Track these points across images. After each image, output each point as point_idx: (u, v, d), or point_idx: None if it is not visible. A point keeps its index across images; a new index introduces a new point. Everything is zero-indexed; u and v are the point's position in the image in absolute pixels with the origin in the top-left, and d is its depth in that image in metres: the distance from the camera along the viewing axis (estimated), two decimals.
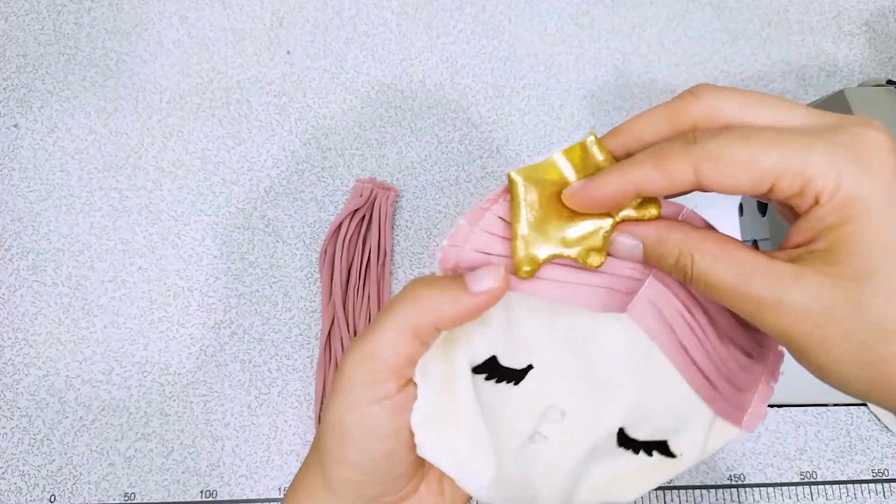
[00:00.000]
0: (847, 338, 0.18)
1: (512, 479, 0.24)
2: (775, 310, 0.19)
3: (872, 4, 0.59)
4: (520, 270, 0.21)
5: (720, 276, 0.20)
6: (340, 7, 0.58)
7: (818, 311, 0.18)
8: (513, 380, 0.23)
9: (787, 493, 0.48)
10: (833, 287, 0.18)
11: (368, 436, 0.21)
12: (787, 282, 0.19)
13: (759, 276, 0.19)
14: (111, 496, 0.48)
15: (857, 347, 0.18)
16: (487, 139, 0.55)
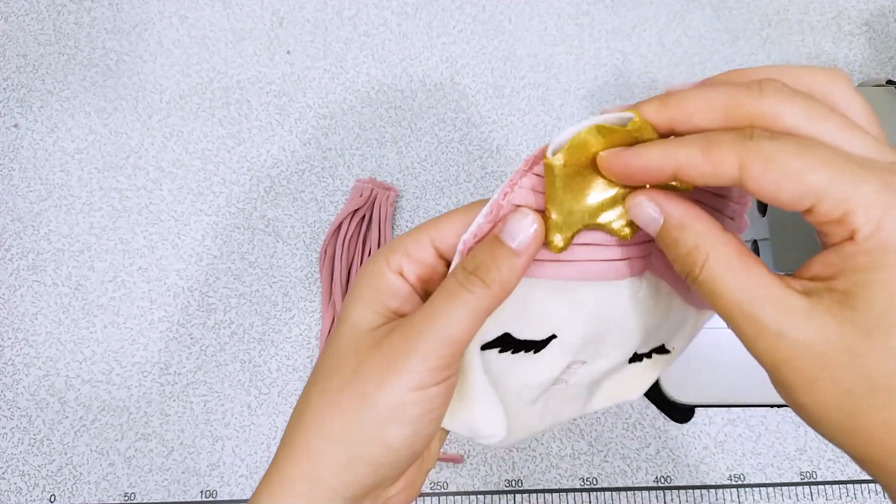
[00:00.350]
0: (835, 382, 0.18)
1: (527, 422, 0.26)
2: (774, 340, 0.18)
3: (872, 4, 0.59)
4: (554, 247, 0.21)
5: (729, 288, 0.19)
6: (340, 7, 0.58)
7: (817, 352, 0.18)
8: (531, 349, 0.24)
9: (787, 493, 0.48)
10: (840, 333, 0.18)
11: (424, 417, 0.21)
12: (796, 317, 0.18)
13: (770, 303, 0.18)
14: (111, 496, 0.48)
15: (843, 395, 0.18)
16: (487, 139, 0.55)
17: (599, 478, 0.48)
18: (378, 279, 0.23)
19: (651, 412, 0.50)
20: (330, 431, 0.21)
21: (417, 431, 0.21)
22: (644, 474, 0.48)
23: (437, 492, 0.48)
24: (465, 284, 0.21)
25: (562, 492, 0.48)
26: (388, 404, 0.21)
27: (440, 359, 0.21)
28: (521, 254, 0.21)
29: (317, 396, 0.22)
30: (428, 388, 0.21)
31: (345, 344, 0.22)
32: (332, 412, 0.21)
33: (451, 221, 0.23)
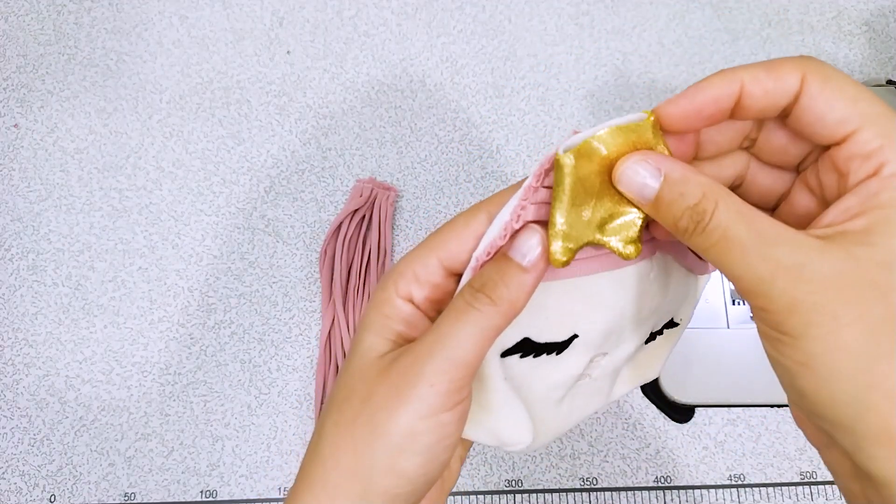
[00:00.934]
0: (861, 319, 0.17)
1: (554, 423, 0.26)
2: (794, 275, 0.17)
3: (872, 4, 0.59)
4: (555, 261, 0.21)
5: (742, 231, 0.18)
6: (340, 7, 0.58)
7: (840, 284, 0.17)
8: (554, 351, 0.24)
9: (787, 493, 0.48)
10: (860, 268, 0.17)
11: (437, 445, 0.21)
12: (812, 252, 0.17)
13: (783, 243, 0.18)
14: (111, 496, 0.48)
15: (867, 335, 0.16)
16: (487, 139, 0.55)
17: (599, 478, 0.48)
18: (386, 306, 0.22)
19: (651, 412, 0.50)
20: (344, 463, 0.21)
21: (431, 459, 0.21)
22: (644, 474, 0.48)
23: None
24: (472, 303, 0.20)
25: (562, 492, 0.48)
26: (400, 433, 0.20)
27: (450, 382, 0.20)
28: (529, 270, 0.20)
29: (330, 428, 0.22)
30: (439, 414, 0.20)
31: (356, 373, 0.22)
32: (345, 444, 0.21)
33: (456, 237, 0.22)
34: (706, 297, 0.52)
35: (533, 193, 0.21)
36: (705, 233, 0.19)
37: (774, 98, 0.19)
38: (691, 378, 0.50)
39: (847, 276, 0.17)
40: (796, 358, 0.18)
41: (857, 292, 0.17)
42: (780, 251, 0.18)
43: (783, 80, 0.19)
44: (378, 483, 0.20)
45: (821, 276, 0.17)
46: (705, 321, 0.51)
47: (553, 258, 0.21)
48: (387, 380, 0.21)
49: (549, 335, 0.23)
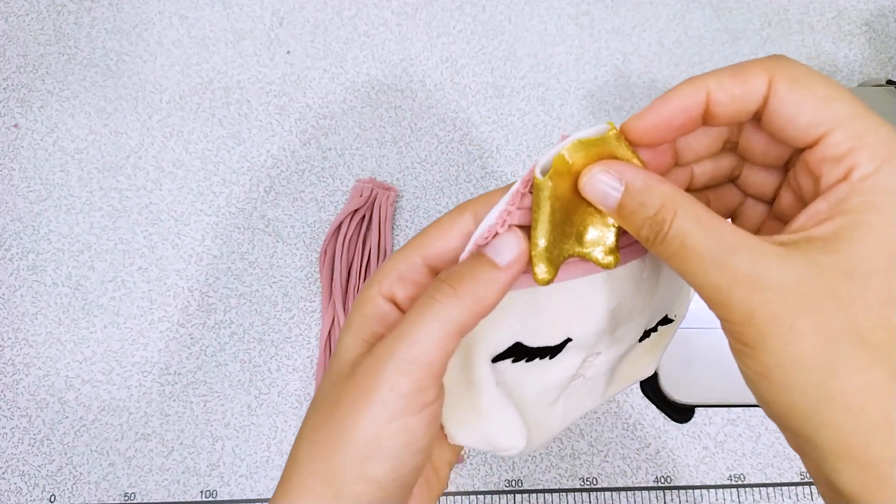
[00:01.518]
0: (818, 332, 0.16)
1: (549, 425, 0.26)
2: (750, 285, 0.17)
3: (872, 4, 0.59)
4: (540, 281, 0.21)
5: (700, 240, 0.18)
6: (340, 7, 0.58)
7: (798, 295, 0.16)
8: (547, 355, 0.23)
9: (787, 493, 0.48)
10: (821, 276, 0.16)
11: (405, 450, 0.20)
12: (772, 260, 0.17)
13: (743, 251, 0.17)
14: (111, 496, 0.48)
15: (825, 347, 0.16)
16: (487, 139, 0.55)
17: (599, 478, 0.48)
18: (368, 305, 0.22)
19: (651, 412, 0.50)
20: (317, 469, 0.20)
21: (401, 465, 0.20)
22: (644, 474, 0.48)
23: None
24: (433, 295, 0.20)
25: (562, 492, 0.48)
26: (365, 439, 0.19)
27: (411, 384, 0.19)
28: (503, 269, 0.20)
29: (307, 433, 0.21)
30: (404, 418, 0.19)
31: (331, 376, 0.21)
32: (318, 450, 0.20)
33: (441, 236, 0.22)
34: None
35: (520, 199, 0.21)
36: (665, 242, 0.19)
37: (743, 103, 0.19)
38: (691, 378, 0.50)
39: (806, 286, 0.16)
40: (755, 369, 0.17)
41: (816, 302, 0.16)
42: (739, 260, 0.17)
43: (750, 84, 0.18)
44: (349, 489, 0.20)
45: (779, 285, 0.17)
46: (705, 321, 0.51)
47: (537, 278, 0.20)
48: (352, 383, 0.20)
49: (542, 339, 0.23)
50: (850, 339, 0.16)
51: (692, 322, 0.51)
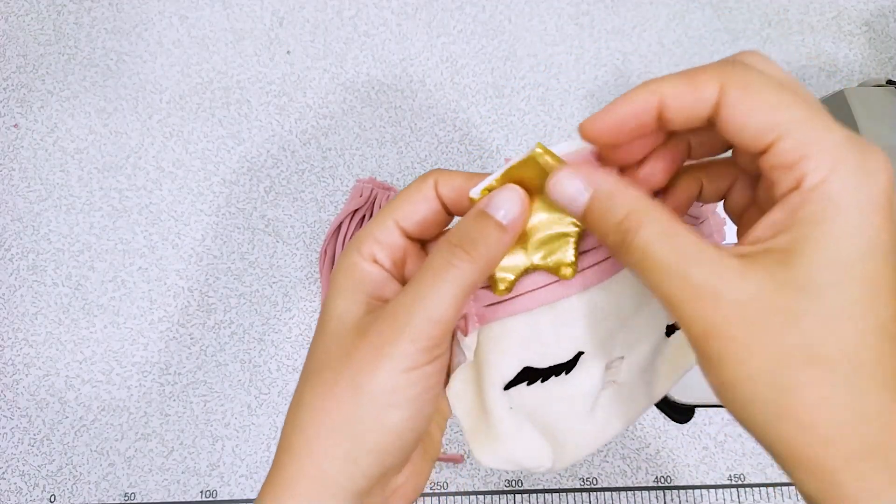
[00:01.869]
0: (771, 348, 0.17)
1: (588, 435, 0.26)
2: (711, 301, 0.17)
3: (872, 4, 0.59)
4: (496, 288, 0.22)
5: (663, 253, 0.18)
6: (340, 7, 0.58)
7: (753, 313, 0.17)
8: (562, 371, 0.24)
9: (787, 493, 0.48)
10: (776, 291, 0.17)
11: (422, 396, 0.21)
12: (731, 275, 0.17)
13: (704, 263, 0.17)
14: (111, 496, 0.48)
15: (778, 364, 0.16)
16: (487, 139, 0.55)
17: (599, 478, 0.48)
18: (354, 271, 0.23)
19: (651, 412, 0.50)
20: (329, 426, 0.21)
21: (417, 411, 0.21)
22: (644, 474, 0.48)
23: (436, 492, 0.48)
24: (450, 260, 0.20)
25: (562, 492, 0.48)
26: (384, 389, 0.20)
27: (429, 339, 0.20)
28: (508, 229, 0.21)
29: (310, 395, 0.21)
30: (421, 367, 0.20)
31: (331, 340, 0.22)
32: (328, 407, 0.21)
33: (409, 200, 0.23)
34: None
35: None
36: (629, 251, 0.19)
37: (694, 111, 0.19)
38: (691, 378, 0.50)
39: (761, 302, 0.17)
40: (715, 381, 0.18)
41: (769, 319, 0.17)
42: (699, 273, 0.17)
43: (700, 92, 0.18)
44: (367, 440, 0.20)
45: (735, 302, 0.17)
46: None
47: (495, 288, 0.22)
48: (365, 341, 0.21)
49: (551, 359, 0.23)
50: (801, 356, 0.16)
51: None
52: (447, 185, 0.22)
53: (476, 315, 0.22)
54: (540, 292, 0.22)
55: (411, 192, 0.23)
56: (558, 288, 0.22)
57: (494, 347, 0.23)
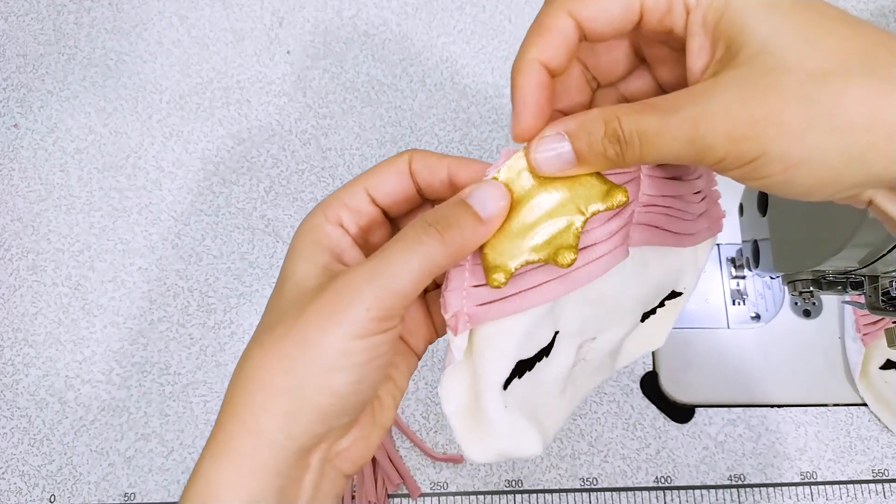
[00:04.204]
0: (790, 99, 0.17)
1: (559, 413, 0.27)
2: (710, 116, 0.18)
3: (872, 4, 0.59)
4: (491, 281, 0.21)
5: (649, 121, 0.19)
6: (340, 7, 0.58)
7: (749, 93, 0.17)
8: (543, 356, 0.24)
9: (787, 493, 0.48)
10: (750, 68, 0.18)
11: (368, 365, 0.21)
12: (709, 90, 0.18)
13: (684, 102, 0.18)
14: (111, 496, 0.48)
15: (806, 102, 0.17)
16: (487, 139, 0.55)
17: (599, 478, 0.48)
18: (316, 232, 0.23)
19: (651, 412, 0.50)
20: (272, 383, 0.21)
21: (363, 378, 0.21)
22: (644, 474, 0.48)
23: (437, 492, 0.48)
24: (421, 236, 0.21)
25: (562, 492, 0.48)
26: (332, 352, 0.20)
27: (385, 310, 0.20)
28: (486, 223, 0.21)
29: (258, 351, 0.21)
30: (372, 336, 0.20)
31: (286, 299, 0.22)
32: (273, 365, 0.21)
33: (381, 171, 0.23)
34: (706, 298, 0.52)
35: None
36: (630, 146, 0.19)
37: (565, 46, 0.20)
38: (691, 378, 0.50)
39: (757, 82, 0.17)
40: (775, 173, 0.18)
41: (777, 86, 0.17)
42: (685, 110, 0.18)
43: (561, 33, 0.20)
44: (308, 399, 0.20)
45: (739, 97, 0.18)
46: (705, 321, 0.51)
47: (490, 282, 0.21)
48: (320, 300, 0.21)
49: (535, 347, 0.24)
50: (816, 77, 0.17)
51: (692, 322, 0.52)
52: (420, 162, 0.23)
53: (468, 314, 0.22)
54: (534, 292, 0.22)
55: (384, 164, 0.23)
56: (555, 286, 0.22)
57: (491, 348, 0.23)
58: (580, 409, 0.50)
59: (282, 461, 0.21)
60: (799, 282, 0.42)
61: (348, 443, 0.23)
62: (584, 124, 0.20)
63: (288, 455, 0.21)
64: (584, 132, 0.20)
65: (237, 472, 0.20)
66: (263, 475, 0.20)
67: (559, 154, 0.21)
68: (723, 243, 0.53)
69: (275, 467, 0.21)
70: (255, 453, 0.20)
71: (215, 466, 0.21)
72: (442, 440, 0.49)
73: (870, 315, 0.47)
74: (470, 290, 0.22)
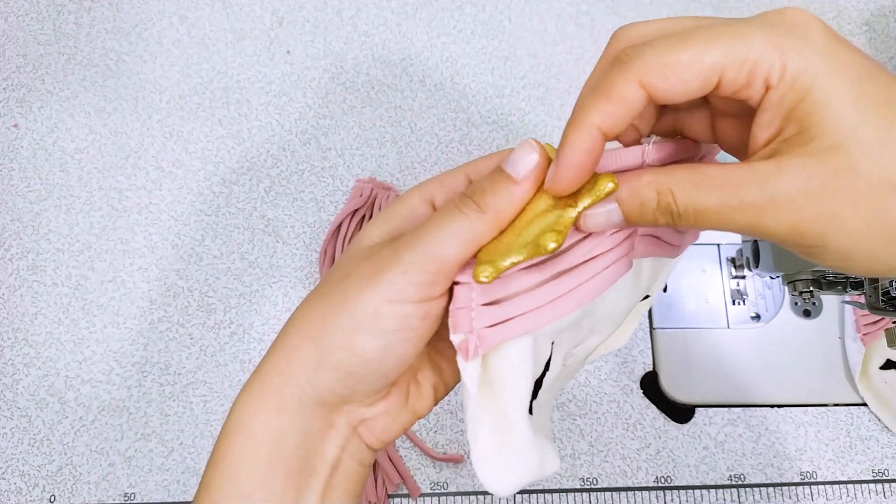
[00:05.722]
0: (856, 204, 0.17)
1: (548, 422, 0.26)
2: (774, 207, 0.18)
3: (872, 4, 0.59)
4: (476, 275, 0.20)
5: (707, 200, 0.19)
6: (340, 7, 0.58)
7: (816, 190, 0.17)
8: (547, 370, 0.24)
9: (787, 493, 0.48)
10: (820, 163, 0.17)
11: (396, 335, 0.21)
12: (773, 176, 0.18)
13: (745, 184, 0.18)
14: (111, 496, 0.48)
15: (870, 210, 0.17)
16: (487, 139, 0.55)
17: (599, 478, 0.48)
18: (401, 202, 0.23)
19: (651, 412, 0.50)
20: (305, 331, 0.22)
21: (388, 346, 0.21)
22: (644, 474, 0.48)
23: (437, 492, 0.48)
24: (459, 206, 0.21)
25: (562, 492, 0.48)
26: (364, 312, 0.21)
27: (424, 274, 0.20)
28: (519, 182, 0.21)
29: (303, 303, 0.22)
30: (405, 303, 0.21)
31: (345, 258, 0.23)
32: (311, 315, 0.22)
33: (486, 160, 0.23)
34: (706, 298, 0.52)
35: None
36: (682, 218, 0.19)
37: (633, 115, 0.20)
38: (691, 378, 0.50)
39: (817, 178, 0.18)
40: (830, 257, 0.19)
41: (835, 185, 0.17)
42: (748, 192, 0.18)
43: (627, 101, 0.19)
44: (333, 355, 0.21)
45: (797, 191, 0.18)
46: (705, 321, 0.51)
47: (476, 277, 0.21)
48: (366, 262, 0.21)
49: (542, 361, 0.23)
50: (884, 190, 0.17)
51: (692, 322, 0.52)
52: None
53: (478, 337, 0.21)
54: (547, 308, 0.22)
55: (487, 155, 0.24)
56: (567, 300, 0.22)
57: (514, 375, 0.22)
58: (580, 409, 0.50)
59: (305, 406, 0.22)
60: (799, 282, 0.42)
61: (374, 413, 0.23)
62: (636, 192, 0.20)
63: (311, 404, 0.22)
64: (636, 201, 0.20)
65: (264, 405, 0.22)
66: (287, 413, 0.22)
67: (608, 219, 0.21)
68: (723, 243, 0.53)
69: (298, 409, 0.22)
70: (280, 391, 0.22)
71: (247, 399, 0.23)
72: (442, 440, 0.49)
73: (870, 315, 0.47)
74: (479, 310, 0.21)
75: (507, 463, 0.23)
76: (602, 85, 0.19)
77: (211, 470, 0.22)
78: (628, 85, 0.19)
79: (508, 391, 0.22)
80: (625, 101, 0.19)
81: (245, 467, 0.22)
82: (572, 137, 0.20)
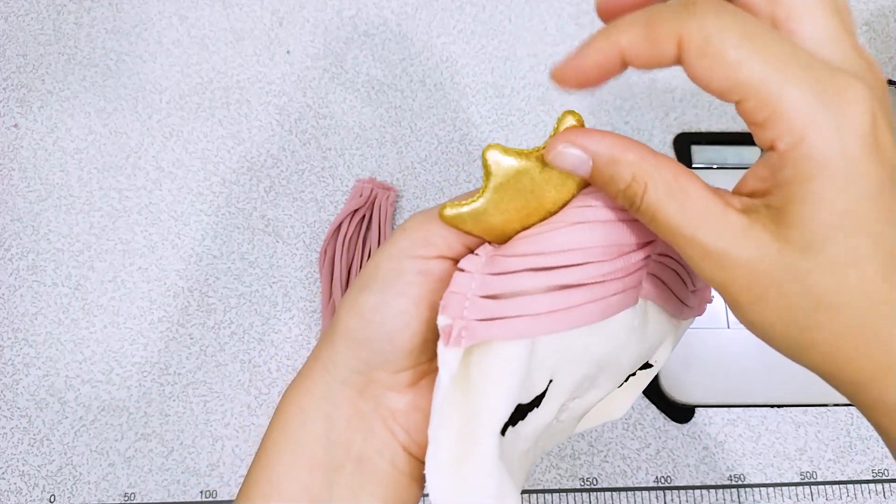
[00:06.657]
0: (781, 301, 0.18)
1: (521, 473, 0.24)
2: (718, 260, 0.18)
3: (872, 4, 0.59)
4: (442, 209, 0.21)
5: (670, 214, 0.18)
6: (340, 7, 0.58)
7: (759, 270, 0.18)
8: (536, 405, 0.22)
9: (787, 493, 0.48)
10: (779, 251, 0.17)
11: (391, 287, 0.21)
12: (736, 235, 0.18)
13: (710, 224, 0.18)
14: (111, 496, 0.48)
15: (791, 311, 0.18)
16: (487, 139, 0.55)
17: (599, 478, 0.48)
18: None
19: (651, 412, 0.50)
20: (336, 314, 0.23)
21: (385, 302, 0.21)
22: (644, 474, 0.48)
23: None
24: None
25: (562, 492, 0.48)
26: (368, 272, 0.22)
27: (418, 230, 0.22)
28: None
29: None
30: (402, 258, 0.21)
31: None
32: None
33: None
34: None
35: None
36: (639, 213, 0.19)
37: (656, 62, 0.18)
38: (691, 378, 0.50)
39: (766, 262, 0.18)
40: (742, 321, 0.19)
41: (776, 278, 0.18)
42: (707, 236, 0.18)
43: (659, 48, 0.17)
44: (341, 321, 0.22)
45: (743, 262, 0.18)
46: (705, 321, 0.51)
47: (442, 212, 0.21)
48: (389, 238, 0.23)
49: (534, 391, 0.22)
50: (809, 304, 0.18)
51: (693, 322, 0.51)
52: None
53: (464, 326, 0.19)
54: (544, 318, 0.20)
55: None
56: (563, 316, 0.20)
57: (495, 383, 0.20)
58: None
59: (329, 389, 0.22)
60: None
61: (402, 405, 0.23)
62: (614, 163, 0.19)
63: (334, 385, 0.22)
64: (608, 171, 0.19)
65: (297, 390, 0.23)
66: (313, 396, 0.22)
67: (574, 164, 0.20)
68: None
69: (323, 392, 0.22)
70: (309, 374, 0.23)
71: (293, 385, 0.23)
72: None
73: None
74: (474, 300, 0.20)
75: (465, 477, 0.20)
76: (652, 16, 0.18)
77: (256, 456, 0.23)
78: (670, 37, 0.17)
79: (485, 397, 0.20)
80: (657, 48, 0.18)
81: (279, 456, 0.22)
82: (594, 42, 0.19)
